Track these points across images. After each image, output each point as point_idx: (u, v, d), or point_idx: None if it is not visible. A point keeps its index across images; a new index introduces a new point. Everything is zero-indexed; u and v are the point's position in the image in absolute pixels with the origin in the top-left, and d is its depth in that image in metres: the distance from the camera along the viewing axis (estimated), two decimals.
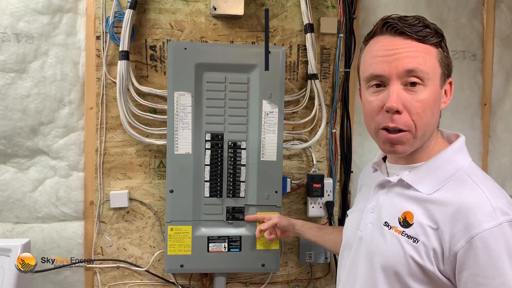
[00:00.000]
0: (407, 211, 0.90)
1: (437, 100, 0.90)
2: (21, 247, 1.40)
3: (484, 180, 0.88)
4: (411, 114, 0.87)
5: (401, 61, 0.86)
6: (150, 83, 1.59)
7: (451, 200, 0.84)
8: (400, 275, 0.87)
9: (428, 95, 0.87)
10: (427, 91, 0.87)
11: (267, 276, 1.68)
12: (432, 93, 0.88)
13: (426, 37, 0.87)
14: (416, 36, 0.87)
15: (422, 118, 0.87)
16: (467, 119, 1.84)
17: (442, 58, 0.90)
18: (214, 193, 1.51)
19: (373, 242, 0.95)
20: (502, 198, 0.83)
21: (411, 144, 0.90)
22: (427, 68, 0.87)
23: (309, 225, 1.44)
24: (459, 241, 0.80)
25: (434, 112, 0.90)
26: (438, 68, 0.89)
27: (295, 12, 1.65)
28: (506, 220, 0.79)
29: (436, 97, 0.89)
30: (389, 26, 0.89)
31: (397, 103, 0.86)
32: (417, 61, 0.86)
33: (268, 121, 1.50)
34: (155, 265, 1.63)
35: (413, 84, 0.87)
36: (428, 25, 0.89)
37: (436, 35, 0.89)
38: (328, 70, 1.69)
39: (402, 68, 0.86)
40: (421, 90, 0.87)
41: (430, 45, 0.88)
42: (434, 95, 0.88)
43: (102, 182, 1.59)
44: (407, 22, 0.88)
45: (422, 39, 0.87)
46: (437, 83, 0.89)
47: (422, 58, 0.87)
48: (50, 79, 1.52)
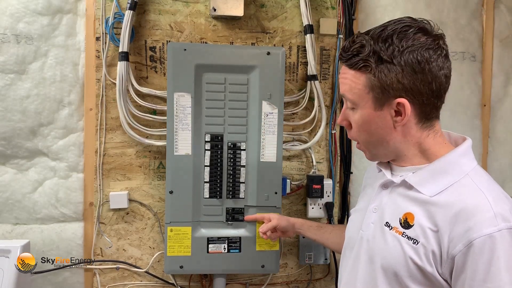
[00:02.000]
0: (408, 212, 0.90)
1: (373, 123, 0.93)
2: (21, 248, 1.40)
3: (488, 184, 0.87)
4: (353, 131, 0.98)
5: (340, 85, 0.97)
6: (150, 84, 1.59)
7: (453, 203, 0.84)
8: (400, 276, 0.87)
9: (358, 117, 0.94)
10: (357, 114, 0.94)
11: (267, 277, 1.68)
12: (362, 116, 0.93)
13: (355, 64, 0.90)
14: (347, 64, 0.93)
15: (360, 135, 0.97)
16: (466, 120, 1.84)
17: (372, 83, 0.88)
18: (213, 194, 1.51)
19: (374, 242, 0.95)
20: (506, 204, 0.82)
21: (372, 154, 1.00)
22: (351, 95, 0.93)
23: (309, 224, 1.44)
24: (457, 244, 0.80)
25: (371, 133, 0.94)
26: (367, 94, 0.90)
27: (294, 13, 1.65)
28: (506, 227, 0.78)
29: (371, 120, 0.92)
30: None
31: (340, 121, 1.00)
32: (344, 88, 0.94)
33: (267, 122, 1.50)
34: (154, 266, 1.63)
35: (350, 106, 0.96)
36: (359, 50, 0.89)
37: (364, 61, 0.88)
38: (327, 71, 1.69)
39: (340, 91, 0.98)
40: (354, 112, 0.95)
41: (359, 71, 0.90)
42: (365, 118, 0.93)
43: (102, 183, 1.58)
44: (346, 47, 0.93)
45: (352, 66, 0.91)
46: (368, 106, 0.91)
47: (348, 85, 0.93)
48: (49, 80, 1.52)
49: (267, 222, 1.45)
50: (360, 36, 0.90)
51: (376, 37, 0.88)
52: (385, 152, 0.97)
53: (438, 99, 0.90)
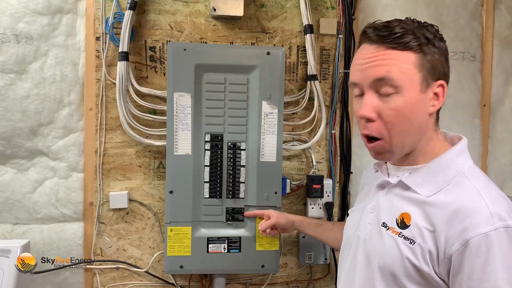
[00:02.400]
0: (404, 213, 0.90)
1: (417, 106, 0.88)
2: (21, 248, 1.40)
3: (484, 184, 0.87)
4: (384, 122, 0.88)
5: (371, 69, 0.88)
6: (150, 84, 1.59)
7: (449, 203, 0.84)
8: (397, 276, 0.87)
9: (403, 102, 0.87)
10: (402, 99, 0.87)
11: (267, 277, 1.68)
12: (408, 100, 0.87)
13: (401, 44, 0.86)
14: (389, 44, 0.87)
15: (395, 126, 0.88)
16: (466, 120, 1.84)
17: (422, 62, 0.87)
18: (213, 194, 1.51)
19: (371, 243, 0.95)
20: (501, 203, 0.82)
21: (391, 152, 0.92)
22: (399, 76, 0.86)
23: (308, 222, 1.43)
24: (454, 244, 0.80)
25: (413, 118, 0.88)
26: (416, 74, 0.87)
27: (294, 13, 1.65)
28: (503, 225, 0.78)
29: (415, 103, 0.88)
30: (366, 34, 0.91)
31: (368, 112, 0.88)
32: (387, 69, 0.86)
33: (267, 122, 1.50)
34: (154, 266, 1.63)
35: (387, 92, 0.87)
36: (408, 30, 0.87)
37: (415, 40, 0.87)
38: (327, 71, 1.69)
39: (371, 76, 0.87)
40: (395, 98, 0.87)
41: (406, 50, 0.87)
42: (411, 102, 0.87)
43: (102, 183, 1.59)
44: (385, 29, 0.88)
45: (396, 46, 0.87)
46: (415, 89, 0.87)
47: (393, 65, 0.86)
48: (49, 80, 1.52)
49: (267, 219, 1.45)
50: (395, 20, 0.89)
51: (411, 22, 0.90)
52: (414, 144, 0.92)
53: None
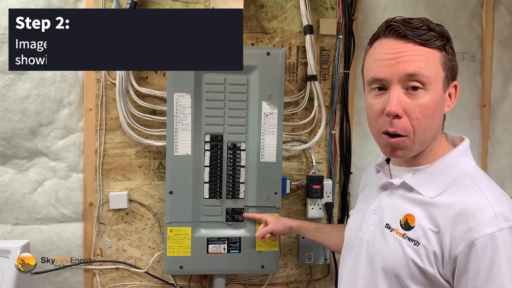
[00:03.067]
0: (408, 214, 0.90)
1: (439, 104, 0.89)
2: (20, 249, 1.40)
3: (487, 184, 0.87)
4: (410, 119, 0.87)
5: (402, 64, 0.86)
6: (150, 85, 1.59)
7: (453, 203, 0.84)
8: (401, 277, 0.87)
9: (429, 99, 0.86)
10: (428, 96, 0.86)
11: (267, 277, 1.68)
12: (433, 98, 0.87)
13: (429, 41, 0.86)
14: (418, 40, 0.86)
15: (421, 123, 0.87)
16: (466, 120, 1.85)
17: (445, 61, 0.88)
18: (213, 195, 1.51)
19: (374, 244, 0.95)
20: (505, 204, 0.82)
21: (410, 149, 0.90)
22: (428, 72, 0.85)
23: (307, 226, 1.42)
24: (459, 244, 0.80)
25: (436, 116, 0.89)
26: (441, 72, 0.88)
27: (294, 13, 1.65)
28: (507, 226, 0.78)
29: (438, 101, 0.88)
30: (392, 29, 0.88)
31: (396, 107, 0.86)
32: (418, 65, 0.85)
33: (267, 122, 1.50)
34: (154, 266, 1.63)
35: (414, 88, 0.86)
36: (432, 28, 0.87)
37: (440, 38, 0.87)
38: (327, 71, 1.69)
39: (403, 72, 0.85)
40: (422, 95, 0.86)
41: (433, 48, 0.87)
42: (436, 99, 0.87)
43: (102, 184, 1.59)
44: (410, 25, 0.87)
45: (424, 42, 0.86)
46: (439, 87, 0.88)
47: (424, 62, 0.86)
48: (49, 81, 1.52)
49: (264, 224, 1.45)
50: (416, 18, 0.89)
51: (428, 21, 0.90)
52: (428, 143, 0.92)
53: None
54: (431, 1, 1.78)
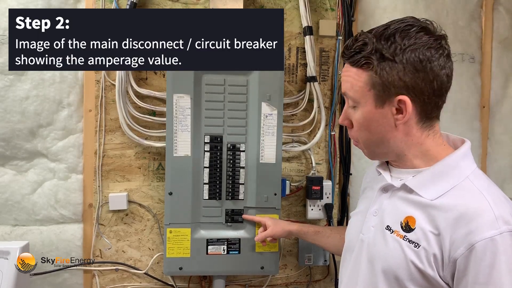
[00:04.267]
0: (409, 216, 0.90)
1: (374, 121, 0.92)
2: (20, 250, 1.40)
3: (488, 187, 0.87)
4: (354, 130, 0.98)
5: (342, 83, 0.97)
6: (149, 86, 1.59)
7: (454, 206, 0.84)
8: (401, 279, 0.87)
9: (359, 116, 0.94)
10: (359, 112, 0.94)
11: (266, 278, 1.68)
12: (363, 114, 0.93)
13: (357, 62, 0.90)
14: (350, 61, 0.92)
15: (360, 134, 0.96)
16: (465, 121, 1.84)
17: (373, 80, 0.89)
18: (213, 196, 1.51)
19: (375, 246, 0.95)
20: (506, 207, 0.82)
21: (370, 153, 1.00)
22: (353, 93, 0.93)
23: (306, 230, 1.42)
24: (459, 247, 0.80)
25: (372, 131, 0.93)
26: (369, 91, 0.90)
27: (294, 14, 1.65)
28: (508, 229, 0.78)
29: (371, 118, 0.92)
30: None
31: (342, 120, 1.00)
32: (346, 86, 0.95)
33: (267, 123, 1.50)
34: (154, 267, 1.63)
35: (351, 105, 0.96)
36: (362, 47, 0.89)
37: (364, 58, 0.89)
38: (327, 72, 1.69)
39: (342, 90, 0.97)
40: (355, 111, 0.95)
41: (361, 68, 0.90)
42: (367, 116, 0.92)
43: (101, 185, 1.58)
44: (350, 45, 0.92)
45: (354, 63, 0.91)
46: (370, 104, 0.91)
47: (350, 83, 0.93)
48: (49, 81, 1.52)
49: (263, 228, 1.46)
50: (363, 35, 0.91)
51: (379, 35, 0.88)
52: (385, 151, 0.96)
53: (439, 98, 0.90)
54: (431, 2, 1.78)
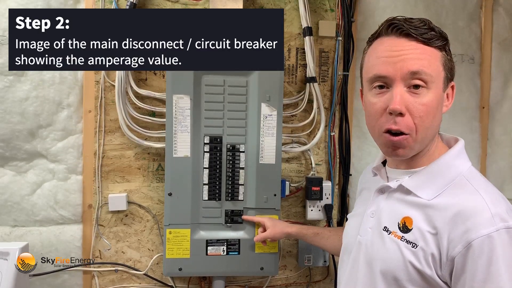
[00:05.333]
0: (406, 217, 0.90)
1: (440, 104, 0.89)
2: (19, 250, 1.39)
3: (484, 185, 0.87)
4: (413, 117, 0.86)
5: (406, 62, 0.86)
6: (149, 86, 1.59)
7: (451, 205, 0.84)
8: (399, 280, 0.87)
9: (431, 98, 0.87)
10: (431, 94, 0.87)
11: (266, 279, 1.68)
12: (435, 96, 0.87)
13: (431, 40, 0.87)
14: (421, 38, 0.87)
15: (424, 121, 0.87)
16: (465, 122, 1.85)
17: (446, 61, 0.89)
18: (212, 196, 1.51)
19: (372, 247, 0.95)
20: (502, 204, 0.83)
21: (412, 148, 0.90)
22: (431, 71, 0.86)
23: (305, 232, 1.42)
24: (456, 246, 0.80)
25: (436, 115, 0.89)
26: (442, 72, 0.89)
27: (293, 15, 1.65)
28: (504, 226, 0.78)
29: (439, 100, 0.89)
30: (394, 27, 0.89)
31: (400, 105, 0.85)
32: (422, 63, 0.86)
33: (266, 124, 1.50)
34: (153, 268, 1.63)
35: (417, 86, 0.86)
36: (433, 28, 0.89)
37: (441, 38, 0.89)
38: (326, 73, 1.70)
39: (406, 69, 0.86)
40: (425, 93, 0.86)
41: (435, 48, 0.88)
42: (437, 98, 0.88)
43: (101, 185, 1.58)
44: (412, 24, 0.88)
45: (427, 41, 0.87)
46: (440, 86, 0.89)
47: (427, 60, 0.86)
48: (48, 82, 1.52)
49: (263, 228, 1.46)
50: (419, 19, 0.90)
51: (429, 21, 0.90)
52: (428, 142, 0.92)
53: None
54: (430, 3, 1.78)
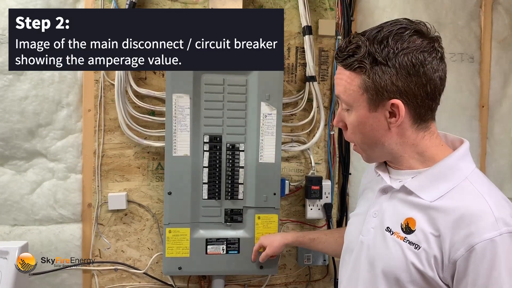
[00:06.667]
0: (409, 218, 0.90)
1: (367, 124, 0.92)
2: (19, 250, 1.40)
3: (488, 188, 0.87)
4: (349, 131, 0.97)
5: (335, 86, 0.96)
6: (149, 85, 1.59)
7: (454, 208, 0.84)
8: (401, 281, 0.87)
9: (353, 118, 0.93)
10: (352, 115, 0.93)
11: (266, 278, 1.68)
12: (357, 117, 0.92)
13: (350, 65, 0.90)
14: (342, 64, 0.92)
15: (355, 137, 0.96)
16: (465, 121, 1.85)
17: (366, 84, 0.88)
18: (212, 195, 1.51)
19: (375, 248, 0.94)
20: (506, 208, 0.82)
21: (366, 157, 1.00)
22: (346, 96, 0.92)
23: (301, 240, 1.42)
24: (459, 249, 0.80)
25: (366, 134, 0.93)
26: (362, 95, 0.89)
27: (293, 14, 1.65)
28: (507, 231, 0.78)
29: (365, 121, 0.91)
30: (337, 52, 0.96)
31: (336, 122, 0.99)
32: (339, 89, 0.94)
33: (266, 123, 1.50)
34: (153, 267, 1.63)
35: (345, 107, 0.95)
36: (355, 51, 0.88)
37: (357, 62, 0.88)
38: (326, 72, 1.69)
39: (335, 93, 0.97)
40: (349, 114, 0.95)
41: (354, 72, 0.89)
42: (360, 119, 0.92)
43: (100, 184, 1.58)
44: (343, 48, 0.91)
45: (347, 67, 0.91)
46: (363, 108, 0.91)
47: (343, 86, 0.92)
48: (48, 81, 1.52)
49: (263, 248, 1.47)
50: (357, 37, 0.90)
51: (372, 38, 0.88)
52: (380, 154, 0.96)
53: (432, 101, 0.89)
54: (430, 2, 1.78)
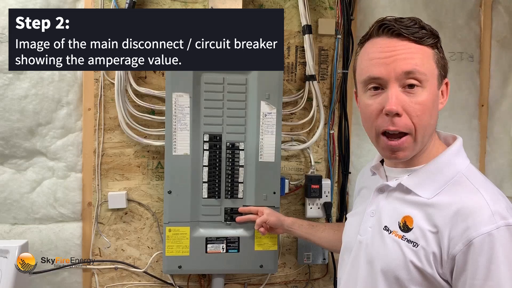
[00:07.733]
0: (407, 216, 0.90)
1: (435, 102, 0.90)
2: (19, 248, 1.40)
3: (483, 183, 0.88)
4: (411, 117, 0.86)
5: (399, 62, 0.86)
6: (148, 84, 1.59)
7: (451, 203, 0.84)
8: (400, 279, 0.87)
9: (427, 96, 0.87)
10: (426, 93, 0.87)
11: (265, 277, 1.68)
12: (430, 95, 0.87)
13: (422, 38, 0.87)
14: (413, 38, 0.87)
15: (421, 120, 0.87)
16: (464, 120, 1.85)
17: (438, 59, 0.89)
18: (212, 194, 1.51)
19: (373, 247, 0.95)
20: (501, 202, 0.83)
21: (412, 149, 0.90)
22: (424, 69, 0.86)
23: (300, 223, 1.41)
24: (457, 244, 0.80)
25: (433, 113, 0.89)
26: (435, 69, 0.89)
27: (293, 13, 1.65)
28: (504, 224, 0.79)
29: (434, 98, 0.89)
30: (385, 27, 0.88)
31: (396, 105, 0.85)
32: (415, 63, 0.86)
33: (266, 122, 1.51)
34: (153, 266, 1.63)
35: (411, 86, 0.86)
36: (424, 26, 0.89)
37: (432, 36, 0.89)
38: (326, 71, 1.70)
39: (400, 69, 0.86)
40: (420, 92, 0.86)
41: (427, 46, 0.88)
42: (432, 96, 0.88)
43: (100, 183, 1.58)
44: (403, 24, 0.87)
45: (418, 40, 0.87)
46: (434, 84, 0.89)
47: (420, 59, 0.86)
48: (48, 80, 1.52)
49: (260, 215, 1.45)
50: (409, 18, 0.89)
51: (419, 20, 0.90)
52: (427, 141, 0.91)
53: None
54: (430, 1, 1.78)
